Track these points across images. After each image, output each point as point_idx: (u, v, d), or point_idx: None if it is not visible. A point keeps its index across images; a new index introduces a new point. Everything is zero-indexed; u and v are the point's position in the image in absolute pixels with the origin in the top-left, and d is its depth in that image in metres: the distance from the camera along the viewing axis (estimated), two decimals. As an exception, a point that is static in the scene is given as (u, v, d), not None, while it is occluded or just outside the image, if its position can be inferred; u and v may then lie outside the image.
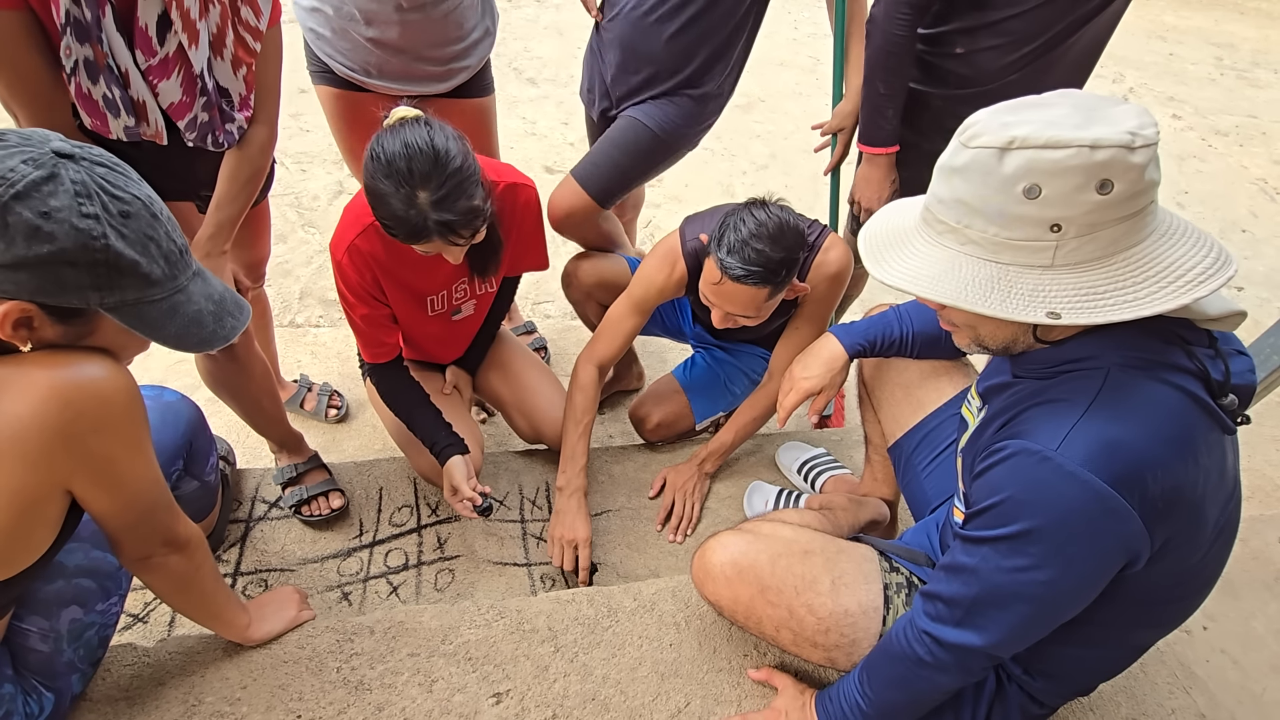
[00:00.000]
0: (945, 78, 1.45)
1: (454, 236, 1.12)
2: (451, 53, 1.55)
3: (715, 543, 1.09)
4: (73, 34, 0.93)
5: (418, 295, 1.40)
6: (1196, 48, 5.93)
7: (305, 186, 3.01)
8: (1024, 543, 0.75)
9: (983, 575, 0.79)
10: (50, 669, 0.93)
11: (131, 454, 0.78)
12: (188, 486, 1.20)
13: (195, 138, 1.12)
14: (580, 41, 1.81)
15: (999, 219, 0.70)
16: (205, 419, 1.22)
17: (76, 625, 0.95)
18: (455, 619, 1.18)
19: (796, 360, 1.26)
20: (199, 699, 1.04)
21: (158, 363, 1.96)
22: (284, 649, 1.11)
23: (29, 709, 0.91)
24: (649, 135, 1.61)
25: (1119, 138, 0.65)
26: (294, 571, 1.42)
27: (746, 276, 1.21)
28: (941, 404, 1.22)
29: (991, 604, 0.79)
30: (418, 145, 1.06)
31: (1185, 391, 0.73)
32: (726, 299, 1.27)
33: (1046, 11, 1.30)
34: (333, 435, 1.86)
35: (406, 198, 1.07)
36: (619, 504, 1.61)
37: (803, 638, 1.02)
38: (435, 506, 1.56)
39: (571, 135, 3.60)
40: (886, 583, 1.03)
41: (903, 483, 1.28)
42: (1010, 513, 0.75)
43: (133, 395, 0.76)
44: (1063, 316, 0.69)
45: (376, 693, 1.07)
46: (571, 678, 1.12)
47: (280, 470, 1.50)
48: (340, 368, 2.04)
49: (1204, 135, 4.46)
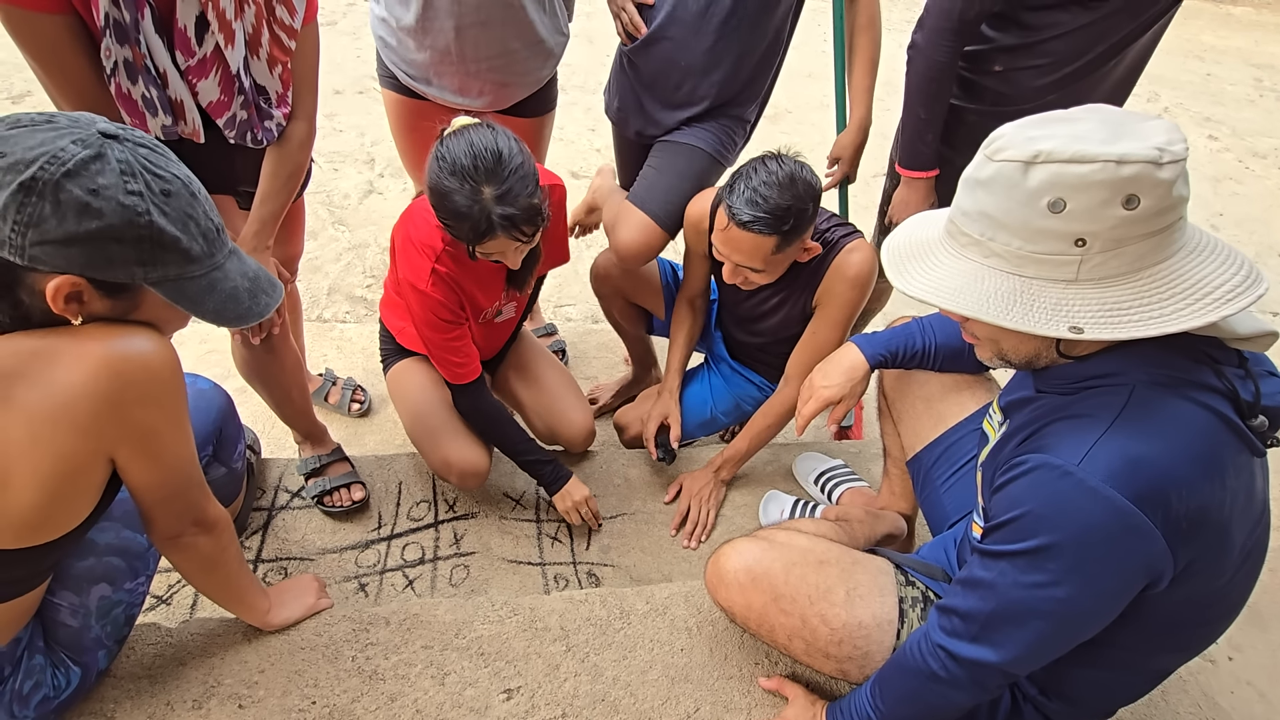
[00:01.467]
0: (982, 94, 1.44)
1: (517, 232, 1.15)
2: (514, 68, 1.57)
3: (730, 549, 1.09)
4: (112, 35, 0.97)
5: (477, 305, 1.43)
6: (1235, 68, 5.83)
7: (337, 185, 3.07)
8: (1043, 558, 0.74)
9: (1000, 590, 0.78)
10: (78, 644, 0.96)
11: (173, 427, 0.81)
12: (216, 473, 1.23)
13: (235, 135, 1.15)
14: (610, 49, 1.82)
15: (1023, 232, 0.70)
16: (235, 407, 1.25)
17: (105, 602, 0.98)
18: (469, 614, 1.19)
19: (817, 369, 1.26)
20: (218, 680, 1.06)
21: (190, 351, 2.01)
22: (302, 635, 1.13)
23: (56, 681, 0.94)
24: (708, 159, 1.64)
25: (1146, 153, 0.65)
26: (313, 561, 1.44)
27: (753, 222, 1.22)
28: (963, 418, 1.22)
29: (1008, 620, 0.78)
30: (482, 145, 1.12)
31: (1213, 411, 0.72)
32: (734, 247, 1.28)
33: (1088, 34, 1.29)
34: (355, 429, 1.89)
35: (471, 194, 1.11)
36: (634, 507, 1.62)
37: (815, 648, 1.01)
38: (453, 503, 1.58)
39: (598, 141, 3.64)
40: (902, 596, 1.02)
41: (921, 497, 1.27)
42: (1030, 527, 0.74)
43: (177, 370, 0.79)
44: (1085, 331, 0.69)
45: (390, 683, 1.09)
46: (582, 678, 1.12)
47: (304, 461, 1.53)
48: (365, 363, 2.07)
49: (1241, 157, 4.37)
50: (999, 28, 1.37)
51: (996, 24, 1.37)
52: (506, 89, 1.60)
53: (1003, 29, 1.37)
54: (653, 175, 1.65)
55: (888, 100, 1.83)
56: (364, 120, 3.60)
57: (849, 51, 1.61)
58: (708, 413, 1.71)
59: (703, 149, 1.62)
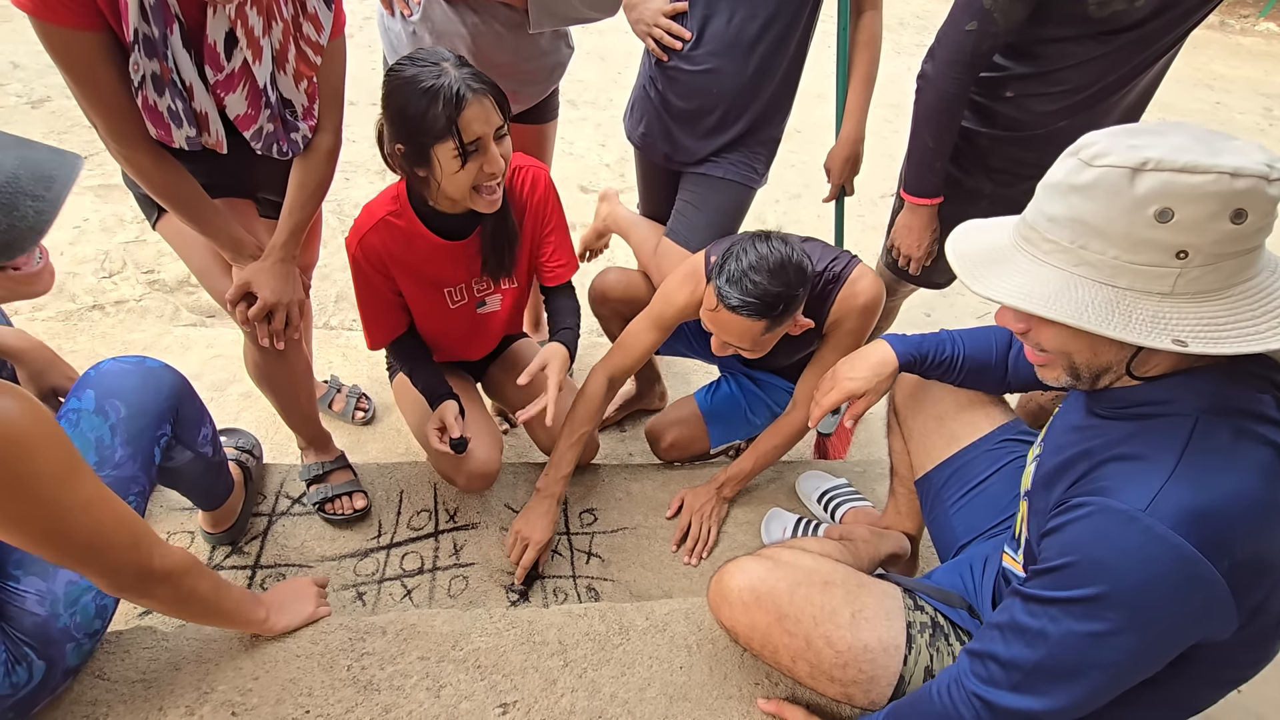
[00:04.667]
0: (994, 119, 1.45)
1: (490, 99, 1.13)
2: (521, 75, 1.59)
3: (734, 567, 1.07)
4: (141, 50, 0.98)
5: (434, 285, 1.42)
6: (1245, 97, 5.84)
7: (348, 195, 3.10)
8: (1102, 607, 0.71)
9: (1052, 639, 0.74)
10: (45, 634, 0.94)
11: (43, 492, 0.74)
12: (182, 456, 1.20)
13: (261, 147, 1.17)
14: (621, 67, 1.84)
15: (1123, 241, 0.68)
16: (192, 388, 1.20)
17: (73, 589, 0.96)
18: (467, 625, 1.18)
19: (843, 361, 1.22)
20: (211, 686, 1.05)
21: (196, 356, 2.01)
22: (297, 643, 1.12)
23: (15, 678, 0.91)
24: (742, 190, 1.69)
25: (1258, 168, 0.63)
26: (312, 568, 1.43)
27: (741, 307, 1.20)
28: (976, 439, 1.20)
29: (1059, 669, 0.75)
30: (428, 49, 1.15)
31: (1275, 446, 0.70)
32: (722, 328, 1.27)
33: (1101, 64, 1.29)
34: (357, 437, 1.89)
35: (434, 72, 1.11)
36: (635, 522, 1.61)
37: (819, 670, 0.99)
38: (454, 513, 1.57)
39: (608, 157, 3.66)
40: (910, 621, 1.00)
41: (929, 517, 1.25)
42: (1089, 574, 0.71)
43: (29, 433, 0.71)
44: (1190, 345, 0.66)
45: (385, 694, 1.08)
46: (579, 693, 1.11)
47: (306, 467, 1.53)
48: (370, 371, 2.07)
49: (1250, 185, 4.37)
50: (1012, 57, 1.38)
51: (1009, 53, 1.38)
52: (514, 96, 1.61)
53: (1016, 58, 1.38)
54: (692, 212, 1.69)
55: (896, 123, 1.84)
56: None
57: (851, 68, 1.63)
58: (741, 414, 1.71)
59: (737, 182, 1.67)
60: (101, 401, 1.06)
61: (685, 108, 1.62)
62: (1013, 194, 1.50)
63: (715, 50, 1.53)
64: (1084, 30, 1.26)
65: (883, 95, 1.76)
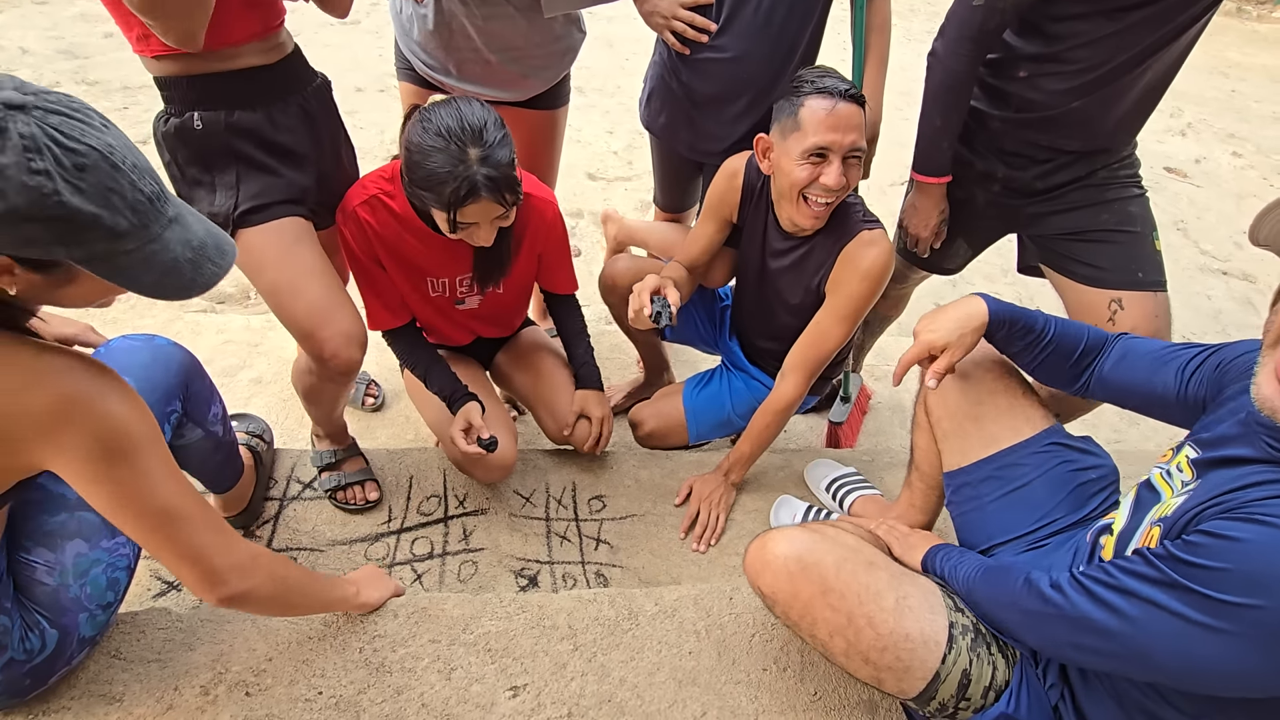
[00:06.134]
0: (1007, 100, 1.43)
1: (500, 196, 1.17)
2: (533, 60, 1.58)
3: (779, 534, 1.04)
4: None
5: (417, 270, 1.42)
6: (1260, 85, 5.77)
7: (355, 182, 3.10)
8: (1243, 621, 0.69)
9: (1143, 622, 0.76)
10: (56, 604, 0.95)
11: (135, 478, 0.80)
12: (193, 434, 1.21)
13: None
14: (629, 53, 1.83)
15: None
16: (201, 366, 1.22)
17: (82, 560, 0.97)
18: (477, 609, 1.19)
19: (923, 317, 1.16)
20: (226, 667, 1.07)
21: (206, 341, 2.02)
22: (310, 626, 1.13)
23: (28, 644, 0.92)
24: None
25: None
26: (323, 552, 1.44)
27: (850, 89, 1.28)
28: (1018, 441, 1.17)
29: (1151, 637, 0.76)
30: (469, 111, 1.17)
31: None
32: (845, 127, 1.28)
33: (1113, 42, 1.28)
34: (367, 423, 1.90)
35: (457, 154, 1.13)
36: (644, 509, 1.61)
37: (856, 650, 0.97)
38: (463, 499, 1.58)
39: (615, 144, 3.65)
40: (952, 621, 0.98)
41: (960, 510, 1.22)
42: (1233, 586, 0.70)
43: (131, 431, 0.79)
44: None
45: (396, 675, 1.09)
46: (589, 677, 1.12)
47: (319, 454, 1.53)
48: (380, 358, 2.07)
49: (1265, 174, 4.32)
50: (1023, 35, 1.37)
51: (1022, 32, 1.37)
52: (526, 81, 1.61)
53: (1027, 37, 1.36)
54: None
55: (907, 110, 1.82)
56: (384, 118, 3.63)
57: (867, 52, 1.61)
58: (725, 414, 1.70)
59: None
60: None
61: (712, 96, 1.61)
62: (1025, 177, 1.48)
63: (743, 35, 1.52)
64: (1093, 7, 1.25)
65: (894, 83, 1.75)
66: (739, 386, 1.72)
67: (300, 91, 1.30)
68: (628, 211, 3.13)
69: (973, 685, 0.96)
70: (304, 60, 1.33)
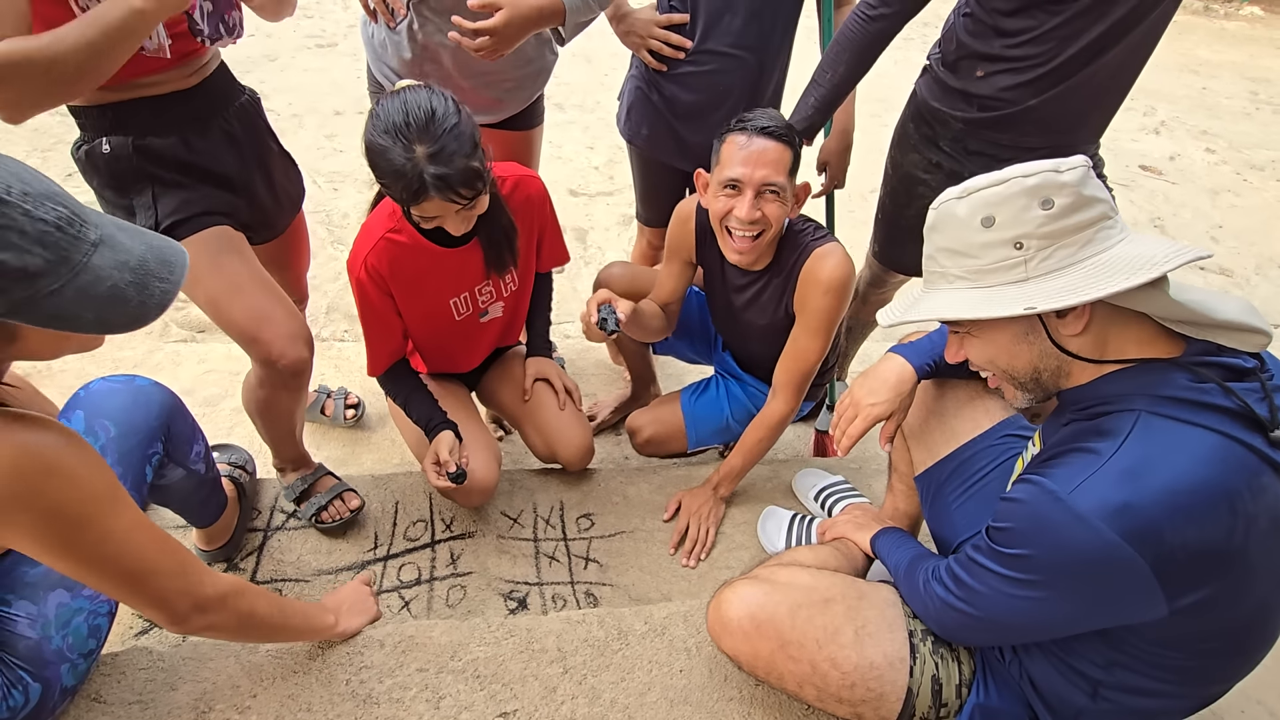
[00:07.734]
0: (970, 101, 1.45)
1: (452, 194, 1.13)
2: (506, 83, 1.58)
3: (731, 594, 1.06)
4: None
5: (440, 299, 1.42)
6: (1231, 82, 5.87)
7: (336, 205, 3.09)
8: (1026, 565, 0.81)
9: (988, 584, 0.87)
10: (39, 657, 0.93)
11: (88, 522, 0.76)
12: (174, 474, 1.19)
13: (209, 32, 1.14)
14: (607, 69, 1.84)
15: (971, 250, 0.83)
16: (183, 405, 1.20)
17: (64, 610, 0.96)
18: (465, 635, 1.18)
19: (859, 383, 1.21)
20: (209, 705, 1.05)
21: (187, 372, 2.00)
22: (295, 659, 1.12)
23: (11, 701, 0.90)
24: None
25: (1045, 166, 0.79)
26: (309, 582, 1.42)
27: (771, 126, 1.28)
28: (977, 434, 1.20)
29: (982, 604, 0.88)
30: (416, 103, 1.11)
31: (1221, 434, 0.73)
32: (758, 162, 1.29)
33: (1057, 36, 1.30)
34: (351, 449, 1.88)
35: (404, 152, 1.10)
36: (633, 526, 1.60)
37: (827, 693, 0.99)
38: (450, 522, 1.56)
39: (596, 159, 3.66)
40: (911, 630, 1.00)
41: (930, 513, 1.25)
42: (1016, 540, 0.81)
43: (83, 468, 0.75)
44: (1036, 306, 0.77)
45: (384, 707, 1.07)
46: (579, 700, 1.11)
47: (290, 487, 1.51)
48: (361, 381, 2.06)
49: (1239, 170, 4.39)
50: (977, 34, 1.39)
51: (975, 30, 1.39)
52: (500, 104, 1.61)
53: (981, 35, 1.39)
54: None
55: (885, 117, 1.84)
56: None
57: None
58: (723, 419, 1.71)
59: None
60: (91, 422, 1.06)
61: (694, 106, 1.63)
62: None
63: (724, 47, 1.54)
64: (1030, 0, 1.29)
65: (870, 90, 1.76)
66: (736, 393, 1.73)
67: (220, 114, 1.28)
68: (610, 225, 3.14)
69: (945, 688, 0.97)
70: (228, 78, 1.31)
